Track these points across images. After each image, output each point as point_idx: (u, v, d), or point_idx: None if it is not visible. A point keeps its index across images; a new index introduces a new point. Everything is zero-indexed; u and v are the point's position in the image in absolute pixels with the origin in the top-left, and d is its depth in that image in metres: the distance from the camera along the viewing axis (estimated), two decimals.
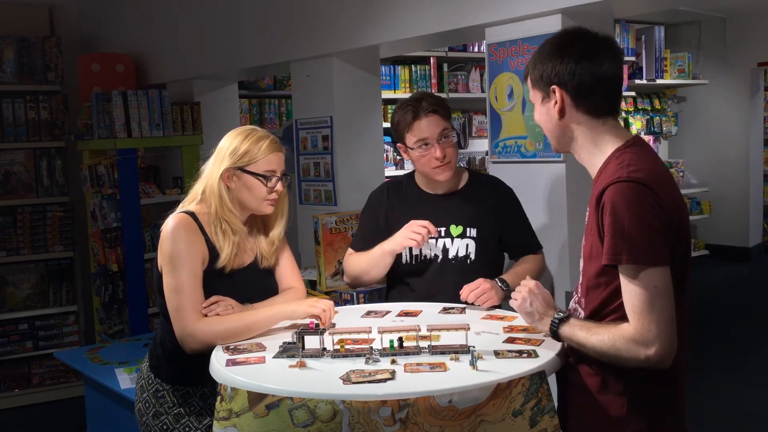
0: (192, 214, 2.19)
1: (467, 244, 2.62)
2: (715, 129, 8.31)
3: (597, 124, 1.80)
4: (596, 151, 1.81)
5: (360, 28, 3.75)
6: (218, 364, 1.90)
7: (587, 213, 1.80)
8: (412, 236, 2.48)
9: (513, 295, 1.96)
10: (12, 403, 4.98)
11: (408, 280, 2.65)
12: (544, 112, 1.85)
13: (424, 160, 2.57)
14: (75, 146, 5.01)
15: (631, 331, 1.65)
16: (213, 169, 2.23)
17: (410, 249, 2.62)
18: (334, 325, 2.19)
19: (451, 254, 2.62)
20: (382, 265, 2.61)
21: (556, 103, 1.80)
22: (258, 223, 2.34)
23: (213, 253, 2.19)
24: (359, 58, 4.04)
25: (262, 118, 6.17)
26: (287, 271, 2.38)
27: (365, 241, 2.70)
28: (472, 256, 2.62)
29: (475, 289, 2.40)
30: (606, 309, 1.76)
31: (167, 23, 5.15)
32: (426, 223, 2.50)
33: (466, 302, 2.41)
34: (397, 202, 2.70)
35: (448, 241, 2.62)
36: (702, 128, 8.33)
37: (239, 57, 4.58)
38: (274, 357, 1.92)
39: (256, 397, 1.69)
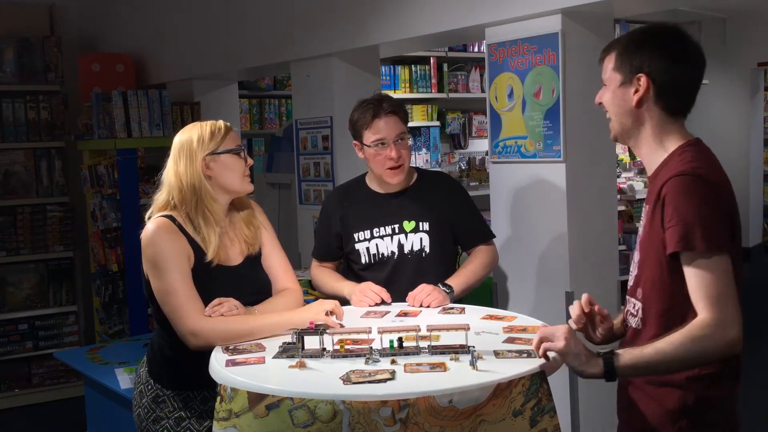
0: (169, 217, 2.19)
1: (421, 238, 2.68)
2: (715, 129, 8.30)
3: (669, 122, 1.80)
4: (658, 148, 1.81)
5: (360, 28, 3.75)
6: (218, 365, 1.89)
7: (644, 210, 1.81)
8: (364, 300, 2.51)
9: (546, 344, 1.76)
10: (12, 403, 4.98)
11: (367, 276, 2.68)
12: (620, 95, 1.82)
13: (378, 159, 2.63)
14: (75, 146, 5.01)
15: (708, 318, 1.63)
16: (183, 167, 2.21)
17: (367, 249, 2.71)
18: (342, 326, 2.18)
19: (406, 249, 2.69)
20: (333, 296, 2.65)
21: (637, 91, 1.78)
22: (233, 215, 2.33)
23: (197, 251, 2.17)
24: (359, 58, 4.04)
25: (262, 118, 6.17)
26: (281, 271, 2.37)
27: (324, 248, 2.85)
28: (427, 249, 2.68)
29: (419, 293, 2.47)
30: (676, 301, 1.72)
31: (167, 23, 5.15)
32: (380, 289, 2.52)
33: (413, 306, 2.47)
34: (349, 203, 2.76)
35: (402, 237, 2.69)
36: (702, 128, 8.29)
37: (239, 57, 4.58)
38: (274, 357, 1.92)
39: (256, 398, 1.69)
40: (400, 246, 2.69)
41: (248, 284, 2.27)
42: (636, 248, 1.85)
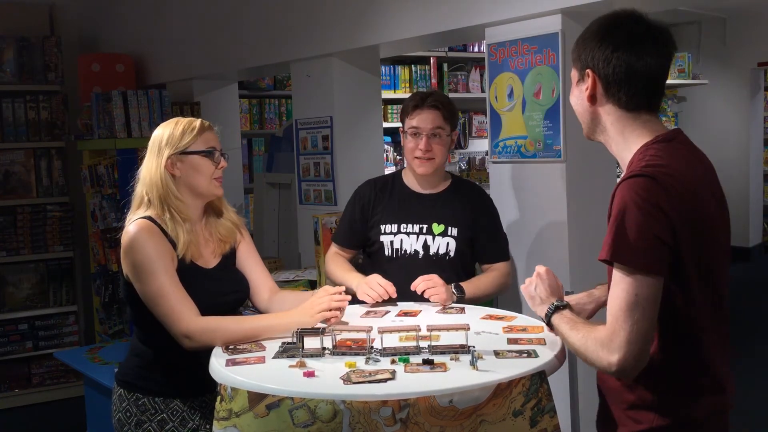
0: (149, 218, 2.16)
1: (448, 243, 2.71)
2: (715, 129, 8.31)
3: (628, 117, 1.68)
4: (624, 147, 1.70)
5: (360, 28, 3.75)
6: (218, 364, 1.89)
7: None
8: (369, 293, 2.48)
9: (527, 279, 1.92)
10: (12, 403, 4.98)
11: (388, 271, 2.67)
12: (577, 93, 1.75)
13: (410, 147, 2.70)
14: (75, 146, 5.01)
15: (601, 333, 1.58)
16: (150, 164, 2.21)
17: (392, 243, 2.72)
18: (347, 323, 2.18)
19: (431, 251, 2.71)
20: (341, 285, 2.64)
21: (587, 88, 1.69)
22: (211, 216, 2.31)
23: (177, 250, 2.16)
24: (359, 58, 4.04)
25: (262, 118, 6.17)
26: (264, 275, 2.36)
27: (347, 234, 2.85)
28: (452, 254, 2.72)
29: (424, 282, 2.49)
30: None
31: (167, 23, 5.15)
32: (386, 283, 2.50)
33: (415, 292, 2.50)
34: (383, 195, 2.80)
35: (429, 238, 2.71)
36: (702, 128, 8.32)
37: (239, 57, 4.58)
38: (274, 357, 1.92)
39: (256, 397, 1.69)
40: (426, 246, 2.71)
41: (226, 284, 2.26)
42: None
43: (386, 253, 2.73)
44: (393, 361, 1.83)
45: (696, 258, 1.58)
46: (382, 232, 2.73)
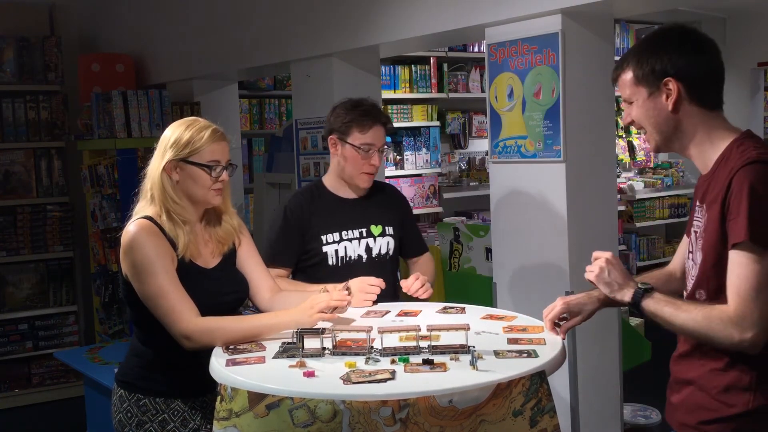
0: (149, 218, 2.15)
1: (387, 242, 2.80)
2: None
3: (710, 117, 1.77)
4: (709, 146, 1.77)
5: (360, 28, 3.75)
6: (218, 364, 1.89)
7: (700, 210, 1.76)
8: (369, 297, 2.49)
9: (588, 268, 1.92)
10: (12, 403, 4.98)
11: (334, 280, 2.60)
12: (651, 107, 1.79)
13: (359, 163, 2.70)
14: (75, 146, 5.01)
15: (731, 311, 1.62)
16: (155, 162, 2.20)
17: (336, 251, 2.73)
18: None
19: (374, 252, 2.77)
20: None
21: (668, 96, 1.75)
22: (211, 218, 2.31)
23: (177, 251, 2.15)
24: (359, 58, 4.04)
25: (262, 118, 6.16)
26: (264, 274, 2.37)
27: (289, 252, 2.74)
28: (391, 252, 2.80)
29: (414, 282, 2.57)
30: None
31: (167, 23, 5.15)
32: (375, 280, 2.51)
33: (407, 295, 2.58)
34: (315, 208, 2.76)
35: (370, 240, 2.77)
36: None
37: (239, 57, 4.58)
38: (274, 357, 1.92)
39: (256, 397, 1.69)
40: (368, 249, 2.76)
41: (226, 284, 2.26)
42: (696, 248, 1.79)
43: (330, 262, 2.71)
44: (393, 361, 1.83)
45: None
46: (324, 242, 2.71)
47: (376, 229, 2.78)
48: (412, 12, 3.48)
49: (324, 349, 1.91)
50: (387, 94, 5.72)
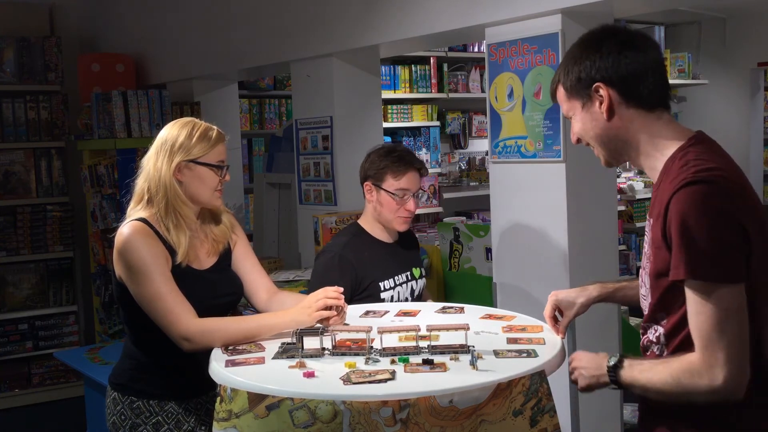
0: (143, 220, 2.14)
1: (422, 283, 2.94)
2: (715, 129, 8.27)
3: (652, 119, 1.61)
4: (656, 154, 1.61)
5: (360, 28, 3.75)
6: (217, 365, 1.89)
7: (648, 224, 1.61)
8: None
9: (572, 378, 1.81)
10: (12, 403, 4.98)
11: None
12: (588, 118, 1.65)
13: (394, 208, 2.75)
14: (75, 146, 5.01)
15: (695, 359, 1.46)
16: (160, 164, 2.17)
17: (392, 297, 2.74)
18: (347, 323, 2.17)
19: (415, 294, 2.88)
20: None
21: (601, 103, 1.61)
22: (206, 217, 2.30)
23: (172, 253, 2.14)
24: (359, 58, 4.04)
25: (262, 118, 6.16)
26: (261, 275, 2.36)
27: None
28: (422, 292, 2.93)
29: None
30: (682, 332, 1.54)
31: (167, 23, 5.15)
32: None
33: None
34: (363, 256, 2.74)
35: (414, 283, 2.87)
36: (702, 128, 8.14)
37: (239, 57, 4.58)
38: (274, 357, 1.92)
39: (256, 398, 1.69)
40: (412, 291, 2.86)
41: (220, 285, 2.25)
42: (644, 270, 1.65)
43: None
44: (393, 361, 1.83)
45: (764, 258, 1.49)
46: (383, 289, 2.73)
47: (416, 272, 2.90)
48: (412, 12, 3.48)
49: (324, 349, 1.91)
50: (387, 94, 5.72)
